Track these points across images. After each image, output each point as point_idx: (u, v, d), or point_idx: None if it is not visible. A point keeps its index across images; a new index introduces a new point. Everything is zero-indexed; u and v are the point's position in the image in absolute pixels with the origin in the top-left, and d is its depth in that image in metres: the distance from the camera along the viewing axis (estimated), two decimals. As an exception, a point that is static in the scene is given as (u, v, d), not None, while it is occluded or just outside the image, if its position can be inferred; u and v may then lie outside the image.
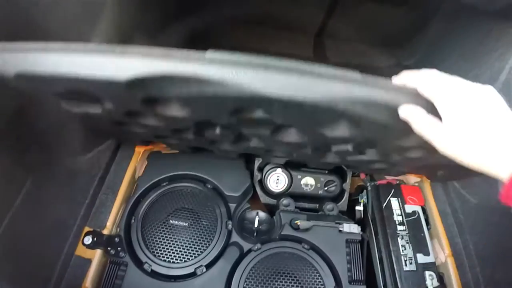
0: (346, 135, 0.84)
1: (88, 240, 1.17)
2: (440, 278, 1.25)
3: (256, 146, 1.10)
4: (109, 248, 1.17)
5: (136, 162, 1.36)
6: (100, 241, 1.18)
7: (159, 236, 1.19)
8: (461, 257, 1.28)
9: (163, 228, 1.20)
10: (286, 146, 1.05)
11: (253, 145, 1.10)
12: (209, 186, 1.31)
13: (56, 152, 1.28)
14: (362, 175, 1.42)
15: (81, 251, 1.16)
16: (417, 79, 0.67)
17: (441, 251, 1.31)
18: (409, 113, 0.68)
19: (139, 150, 1.38)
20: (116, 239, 1.18)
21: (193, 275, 1.15)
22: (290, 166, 1.41)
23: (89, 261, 1.15)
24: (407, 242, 1.25)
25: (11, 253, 1.10)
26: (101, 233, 1.20)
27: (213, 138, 1.06)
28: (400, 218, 1.30)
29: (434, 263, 1.24)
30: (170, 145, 1.31)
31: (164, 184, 1.30)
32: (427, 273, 1.20)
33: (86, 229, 1.20)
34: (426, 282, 1.18)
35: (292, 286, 1.16)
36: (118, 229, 1.21)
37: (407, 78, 0.69)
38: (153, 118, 0.94)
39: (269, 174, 1.37)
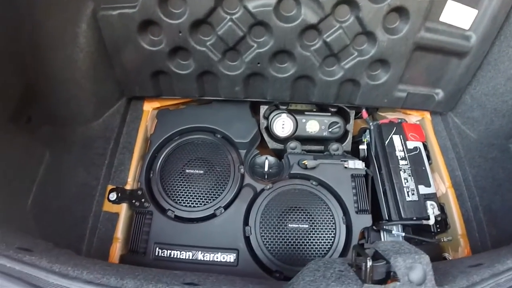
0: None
1: (113, 196, 1.22)
2: (441, 207, 1.28)
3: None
4: (133, 201, 1.21)
5: (146, 121, 1.37)
6: (124, 195, 1.22)
7: (178, 185, 1.23)
8: (461, 188, 1.31)
9: (180, 177, 1.24)
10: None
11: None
12: (218, 135, 1.33)
13: (69, 122, 1.31)
14: (365, 114, 1.42)
15: (108, 207, 1.21)
16: None
17: (441, 183, 1.33)
18: None
19: (147, 109, 1.40)
20: (139, 192, 1.22)
21: (213, 216, 1.19)
22: (294, 111, 1.42)
23: (116, 215, 1.20)
24: (409, 175, 1.26)
25: (44, 217, 1.16)
26: (124, 188, 1.24)
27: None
28: (402, 154, 1.30)
29: (435, 194, 1.26)
30: (176, 87, 1.31)
31: (176, 138, 1.32)
32: (428, 202, 1.22)
33: (110, 187, 1.24)
34: (428, 211, 1.21)
35: (304, 218, 1.20)
36: (139, 184, 1.25)
37: None
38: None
39: (274, 120, 1.38)
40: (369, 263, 0.64)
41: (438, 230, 1.27)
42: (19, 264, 0.61)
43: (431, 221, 1.19)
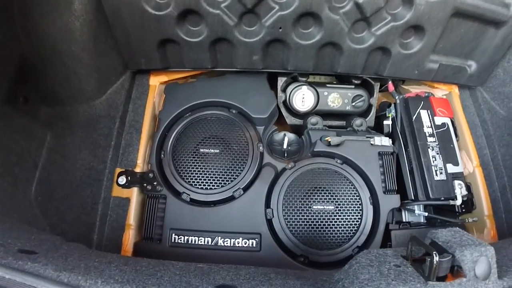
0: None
1: (122, 180, 1.12)
2: (468, 187, 1.20)
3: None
4: (144, 184, 1.11)
5: (154, 97, 1.24)
6: (134, 179, 1.12)
7: (192, 166, 1.12)
8: (489, 167, 1.24)
9: (194, 157, 1.13)
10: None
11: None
12: (234, 111, 1.20)
13: (70, 101, 1.19)
14: (391, 87, 1.29)
15: (117, 191, 1.11)
16: None
17: (469, 162, 1.25)
18: None
19: (154, 84, 1.26)
20: (150, 175, 1.11)
21: (231, 199, 1.10)
22: (314, 84, 1.28)
23: (127, 200, 1.10)
24: (437, 153, 1.18)
25: (50, 205, 1.07)
26: (133, 171, 1.13)
27: None
28: (430, 130, 1.21)
29: (462, 173, 1.19)
30: (186, 58, 1.16)
31: (187, 114, 1.19)
32: (456, 182, 1.14)
33: (118, 170, 1.13)
34: (455, 191, 1.13)
35: (329, 200, 1.11)
36: (150, 165, 1.14)
37: None
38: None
39: (294, 93, 1.25)
40: (436, 258, 0.55)
41: (463, 210, 1.20)
42: (21, 275, 0.50)
43: (458, 202, 1.13)
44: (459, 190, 1.14)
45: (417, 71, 1.21)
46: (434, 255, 0.55)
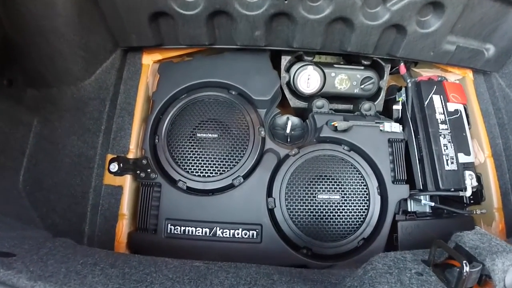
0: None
1: (114, 167, 1.03)
2: (478, 178, 1.12)
3: None
4: (138, 172, 1.02)
5: (147, 77, 1.13)
6: (127, 166, 1.03)
7: (189, 152, 1.03)
8: (501, 158, 1.16)
9: (191, 143, 1.04)
10: None
11: None
12: (233, 92, 1.10)
13: (56, 83, 1.09)
14: (403, 69, 1.18)
15: (109, 179, 1.03)
16: None
17: (480, 152, 1.17)
18: None
19: (147, 63, 1.15)
20: (144, 161, 1.03)
21: (231, 187, 1.02)
22: (321, 64, 1.17)
23: (120, 188, 1.02)
24: (449, 142, 1.09)
25: (39, 195, 1.00)
26: (126, 158, 1.04)
27: None
28: (442, 117, 1.12)
29: (473, 163, 1.12)
30: (181, 34, 1.05)
31: (183, 96, 1.09)
32: (467, 172, 1.07)
33: (110, 156, 1.05)
34: (466, 182, 1.06)
35: (335, 189, 1.03)
36: (143, 151, 1.05)
37: None
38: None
39: (298, 74, 1.14)
40: (467, 269, 0.47)
41: (472, 201, 1.13)
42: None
43: (468, 193, 1.06)
44: (470, 181, 1.07)
45: (432, 52, 1.10)
46: (464, 264, 0.47)
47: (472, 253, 0.52)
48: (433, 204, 1.09)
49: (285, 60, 1.16)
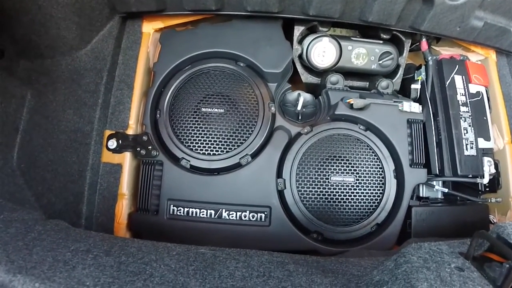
0: None
1: (112, 144, 0.95)
2: (496, 165, 1.05)
3: None
4: (138, 149, 0.94)
5: (147, 46, 1.03)
6: (126, 142, 0.95)
7: (193, 128, 0.95)
8: None
9: (195, 118, 0.95)
10: None
11: None
12: (241, 64, 1.00)
13: (49, 52, 0.99)
14: (424, 45, 1.08)
15: (108, 157, 0.95)
16: None
17: (499, 137, 1.09)
18: None
19: (148, 31, 1.04)
20: (144, 138, 0.95)
21: (238, 166, 0.94)
22: (337, 36, 1.06)
23: (119, 166, 0.95)
24: (469, 125, 1.01)
25: (34, 173, 0.94)
26: (125, 134, 0.96)
27: None
28: (463, 99, 1.03)
29: (492, 149, 1.05)
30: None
31: (187, 67, 1.00)
32: (485, 159, 1.00)
33: (108, 132, 0.97)
34: (484, 168, 0.99)
35: (349, 171, 0.96)
36: (144, 127, 0.97)
37: None
38: None
39: (312, 46, 1.03)
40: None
41: (487, 189, 1.06)
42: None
43: (485, 180, 0.99)
44: (488, 168, 1.00)
45: (459, 27, 1.00)
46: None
47: (516, 245, 0.45)
48: (446, 190, 1.02)
49: (298, 31, 1.05)
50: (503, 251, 0.44)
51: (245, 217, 0.91)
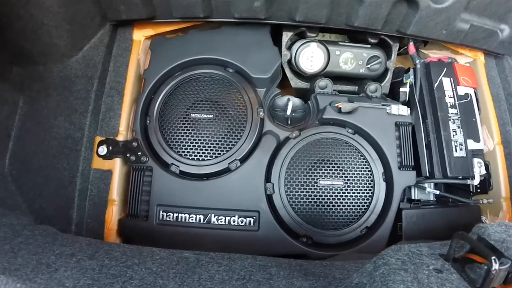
0: None
1: (102, 150, 0.95)
2: (486, 166, 1.06)
3: None
4: (128, 155, 0.94)
5: (138, 54, 1.04)
6: (117, 149, 0.95)
7: (182, 134, 0.95)
8: (511, 146, 1.08)
9: (184, 124, 0.95)
10: None
11: None
12: (230, 69, 1.01)
13: (41, 59, 1.00)
14: (412, 49, 1.09)
15: (98, 163, 0.95)
16: None
17: (489, 139, 1.10)
18: None
19: (138, 38, 1.05)
20: (134, 144, 0.95)
21: (227, 171, 0.94)
22: (325, 41, 1.07)
23: (109, 173, 0.94)
24: (458, 127, 1.02)
25: (25, 179, 0.94)
26: (115, 140, 0.96)
27: None
28: (452, 101, 1.04)
29: (482, 150, 1.05)
30: (174, 5, 0.95)
31: (177, 74, 1.00)
32: (475, 160, 1.01)
33: (98, 138, 0.97)
34: (474, 170, 1.00)
35: (338, 174, 0.96)
36: (134, 133, 0.97)
37: None
38: None
39: (301, 51, 1.04)
40: (496, 266, 0.40)
41: (478, 190, 1.06)
42: None
43: (476, 182, 1.00)
44: (478, 169, 1.01)
45: (445, 30, 1.01)
46: (493, 260, 0.40)
47: (498, 248, 0.45)
48: (437, 192, 1.02)
49: (286, 36, 1.06)
50: (483, 252, 0.44)
51: (234, 222, 0.91)
